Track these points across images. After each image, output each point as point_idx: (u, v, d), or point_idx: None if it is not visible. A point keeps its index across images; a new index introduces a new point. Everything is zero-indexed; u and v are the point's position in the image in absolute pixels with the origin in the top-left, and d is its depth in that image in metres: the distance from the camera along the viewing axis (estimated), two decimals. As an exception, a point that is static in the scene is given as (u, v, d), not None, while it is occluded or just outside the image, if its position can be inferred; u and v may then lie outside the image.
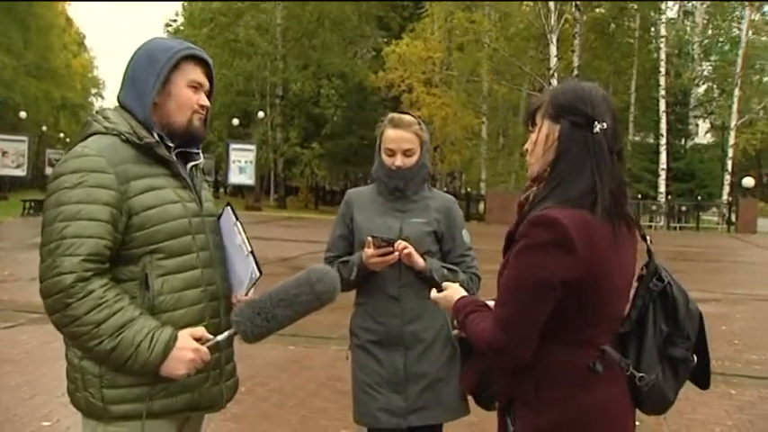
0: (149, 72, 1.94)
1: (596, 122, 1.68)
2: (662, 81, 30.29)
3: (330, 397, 5.08)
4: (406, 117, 2.75)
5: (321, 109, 36.36)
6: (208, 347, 1.88)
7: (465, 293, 1.95)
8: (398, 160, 2.69)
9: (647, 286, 1.74)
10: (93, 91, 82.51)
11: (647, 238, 1.82)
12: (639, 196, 29.09)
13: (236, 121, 35.37)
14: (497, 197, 26.94)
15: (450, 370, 2.66)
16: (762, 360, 6.58)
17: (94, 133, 1.93)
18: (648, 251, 1.80)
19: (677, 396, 1.78)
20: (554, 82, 27.01)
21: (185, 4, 47.19)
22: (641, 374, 1.70)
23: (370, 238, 2.57)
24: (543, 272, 1.62)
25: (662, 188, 30.00)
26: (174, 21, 48.93)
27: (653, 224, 28.47)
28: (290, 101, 37.73)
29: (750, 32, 31.81)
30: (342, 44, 38.56)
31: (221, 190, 43.49)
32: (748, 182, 28.02)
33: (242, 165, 31.65)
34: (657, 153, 30.63)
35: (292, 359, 6.05)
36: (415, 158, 2.71)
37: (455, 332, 1.93)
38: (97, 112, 2.03)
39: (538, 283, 1.63)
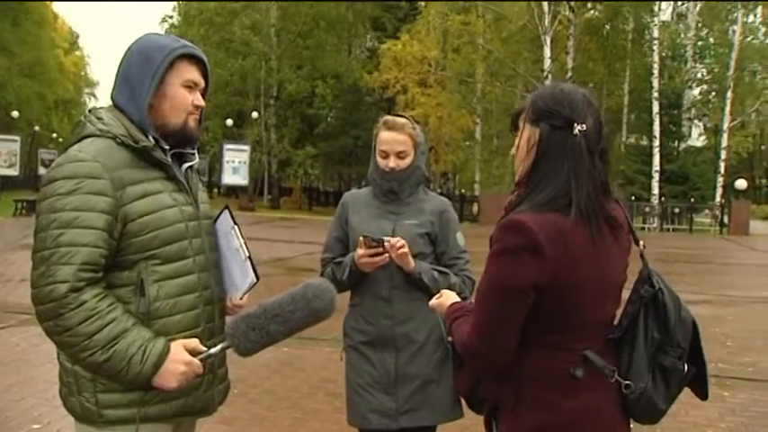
0: (144, 72, 1.87)
1: (575, 124, 1.66)
2: (655, 83, 30.37)
3: (323, 399, 5.07)
4: (400, 119, 2.75)
5: (315, 109, 36.26)
6: (200, 359, 1.85)
7: (458, 299, 1.95)
8: (392, 162, 2.69)
9: (639, 292, 1.72)
10: (87, 90, 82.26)
11: (641, 243, 1.79)
12: (633, 198, 29.14)
13: (230, 122, 35.28)
14: (491, 199, 26.87)
15: (443, 372, 2.66)
16: (755, 362, 6.59)
17: (89, 135, 1.87)
18: (642, 256, 1.77)
19: (670, 406, 1.73)
20: (547, 83, 27.04)
21: (181, 2, 47.04)
22: (627, 382, 1.68)
23: (361, 238, 2.58)
24: (512, 277, 1.61)
25: (655, 190, 30.06)
26: (171, 17, 48.74)
27: (646, 226, 28.54)
28: (284, 101, 37.60)
29: (743, 35, 31.93)
30: (336, 44, 38.52)
31: (215, 190, 43.37)
32: (741, 184, 28.10)
33: (236, 165, 31.56)
34: (651, 155, 30.69)
35: (285, 361, 6.03)
36: (408, 160, 2.71)
37: (449, 338, 1.93)
38: (90, 111, 1.97)
39: (506, 288, 1.62)
